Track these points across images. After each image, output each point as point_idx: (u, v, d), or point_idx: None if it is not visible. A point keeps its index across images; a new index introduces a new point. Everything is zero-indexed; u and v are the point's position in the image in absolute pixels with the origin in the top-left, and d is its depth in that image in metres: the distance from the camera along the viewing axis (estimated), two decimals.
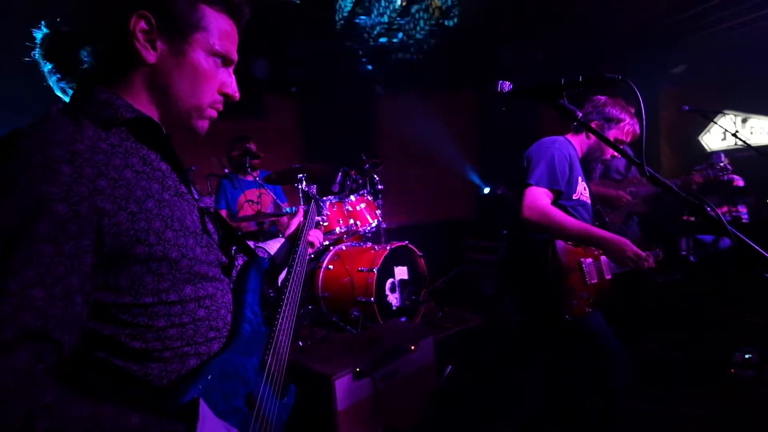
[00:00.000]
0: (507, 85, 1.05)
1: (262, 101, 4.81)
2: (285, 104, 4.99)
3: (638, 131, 2.03)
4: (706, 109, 3.24)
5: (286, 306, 1.04)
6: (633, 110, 2.01)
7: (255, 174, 3.40)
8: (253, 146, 3.51)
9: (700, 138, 5.80)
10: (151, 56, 0.75)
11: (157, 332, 0.72)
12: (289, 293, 1.07)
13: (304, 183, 3.02)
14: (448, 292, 3.97)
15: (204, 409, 0.70)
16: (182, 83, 0.79)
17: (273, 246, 1.31)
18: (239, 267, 0.96)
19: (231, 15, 0.83)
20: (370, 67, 4.79)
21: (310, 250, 1.37)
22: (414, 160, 5.46)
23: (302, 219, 1.39)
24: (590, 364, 1.90)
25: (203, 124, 0.85)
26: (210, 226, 0.87)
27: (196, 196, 0.86)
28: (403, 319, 3.42)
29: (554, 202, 1.87)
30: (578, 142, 2.04)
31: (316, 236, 1.40)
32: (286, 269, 1.20)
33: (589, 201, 2.03)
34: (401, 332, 2.76)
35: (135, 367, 0.70)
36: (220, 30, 0.81)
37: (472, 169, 5.75)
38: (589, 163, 2.08)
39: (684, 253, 4.91)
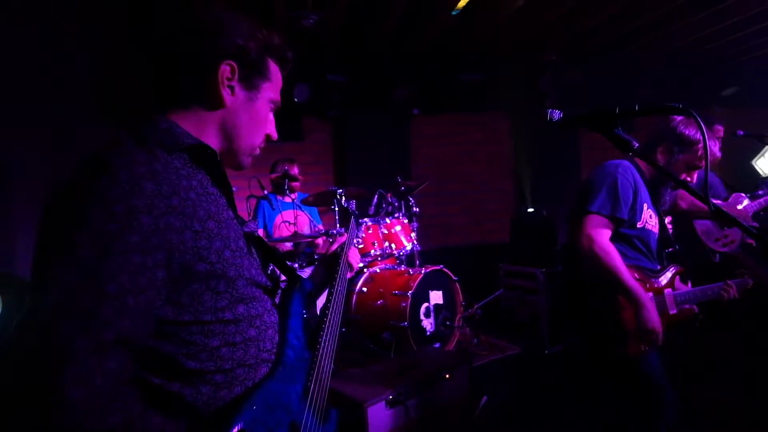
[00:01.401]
0: (557, 114, 1.02)
1: (301, 124, 4.92)
2: (323, 127, 5.10)
3: (717, 154, 1.89)
4: (762, 133, 3.08)
5: (328, 329, 1.03)
6: (714, 132, 1.86)
7: (293, 196, 3.46)
8: (293, 169, 3.59)
9: (753, 162, 5.50)
10: (229, 100, 0.83)
11: (212, 351, 0.74)
12: (331, 315, 1.07)
13: (344, 199, 3.04)
14: (484, 319, 3.86)
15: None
16: (247, 126, 0.87)
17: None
18: (282, 289, 0.97)
19: (282, 67, 0.93)
20: (405, 92, 4.83)
21: (349, 274, 1.34)
22: (450, 182, 5.43)
23: (345, 237, 1.39)
24: (642, 409, 1.77)
25: (249, 161, 0.93)
26: (253, 250, 0.90)
27: (240, 220, 0.89)
28: (436, 345, 3.34)
29: (616, 230, 1.78)
30: (645, 165, 1.91)
31: (354, 257, 1.38)
32: (324, 292, 1.19)
33: (655, 230, 1.90)
34: (436, 359, 2.69)
35: (187, 390, 0.71)
36: (277, 81, 0.91)
37: (509, 191, 5.66)
38: (657, 188, 1.92)
39: None
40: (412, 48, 4.57)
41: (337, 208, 3.16)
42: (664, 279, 1.89)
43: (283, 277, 1.07)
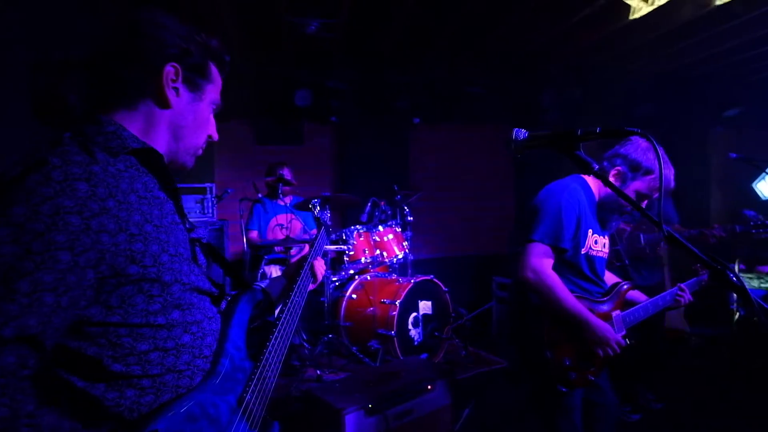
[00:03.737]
0: (522, 133, 1.03)
1: (301, 129, 4.96)
2: (323, 132, 5.13)
3: (672, 183, 1.80)
4: (758, 156, 3.08)
5: (276, 340, 1.01)
6: (666, 164, 1.79)
7: (287, 200, 3.49)
8: (287, 173, 3.61)
9: (754, 185, 5.46)
10: (174, 101, 0.86)
11: (139, 356, 0.73)
12: (281, 326, 1.04)
13: (318, 209, 3.05)
14: (474, 331, 3.85)
15: None
16: (192, 126, 0.90)
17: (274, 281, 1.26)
18: (229, 299, 0.96)
19: (221, 70, 0.96)
20: (406, 101, 4.86)
21: (311, 285, 1.30)
22: (448, 193, 5.43)
23: (309, 248, 1.34)
24: None
25: (193, 161, 0.95)
26: (201, 257, 0.91)
27: (188, 226, 0.90)
28: (424, 356, 3.33)
29: (560, 257, 1.76)
30: (597, 186, 1.84)
31: (319, 268, 1.33)
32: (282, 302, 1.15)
33: (602, 254, 1.86)
34: (419, 370, 2.68)
35: (110, 395, 0.70)
36: (218, 83, 0.94)
37: (508, 204, 5.66)
38: (606, 212, 1.85)
39: (733, 306, 4.59)
40: (415, 58, 4.60)
41: (314, 213, 3.17)
42: (610, 302, 1.85)
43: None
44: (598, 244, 1.84)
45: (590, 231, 1.80)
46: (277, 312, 1.09)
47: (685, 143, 5.16)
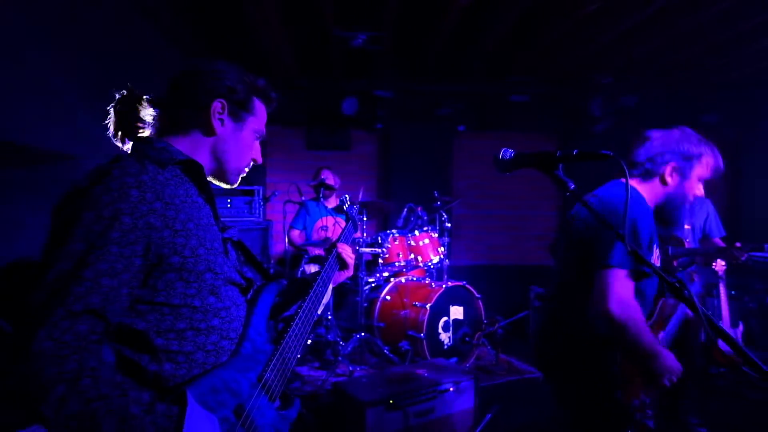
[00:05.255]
0: (509, 153, 1.12)
1: (348, 136, 5.18)
2: (369, 139, 5.32)
3: (721, 165, 1.68)
4: None
5: (296, 325, 1.15)
6: (707, 143, 1.65)
7: (328, 203, 3.69)
8: (328, 177, 3.82)
9: None
10: (219, 129, 1.06)
11: (178, 332, 0.91)
12: (303, 312, 1.17)
13: (347, 204, 3.21)
14: (507, 339, 3.84)
15: (191, 398, 0.86)
16: (234, 151, 1.09)
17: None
18: (254, 288, 1.13)
19: (267, 105, 1.15)
20: (451, 109, 4.94)
21: (346, 273, 1.38)
22: (490, 200, 5.44)
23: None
24: None
25: (236, 180, 1.15)
26: (232, 253, 1.08)
27: (221, 227, 1.07)
28: (453, 360, 3.40)
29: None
30: (648, 192, 1.65)
31: (347, 255, 1.37)
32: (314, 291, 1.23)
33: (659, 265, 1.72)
34: (443, 371, 2.77)
35: (152, 367, 0.89)
36: (261, 115, 1.13)
37: (551, 214, 5.56)
38: (669, 213, 1.70)
39: None
40: (460, 67, 4.67)
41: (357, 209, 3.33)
42: (655, 323, 1.78)
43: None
44: (658, 258, 1.71)
45: (655, 246, 1.63)
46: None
47: (752, 153, 4.83)
